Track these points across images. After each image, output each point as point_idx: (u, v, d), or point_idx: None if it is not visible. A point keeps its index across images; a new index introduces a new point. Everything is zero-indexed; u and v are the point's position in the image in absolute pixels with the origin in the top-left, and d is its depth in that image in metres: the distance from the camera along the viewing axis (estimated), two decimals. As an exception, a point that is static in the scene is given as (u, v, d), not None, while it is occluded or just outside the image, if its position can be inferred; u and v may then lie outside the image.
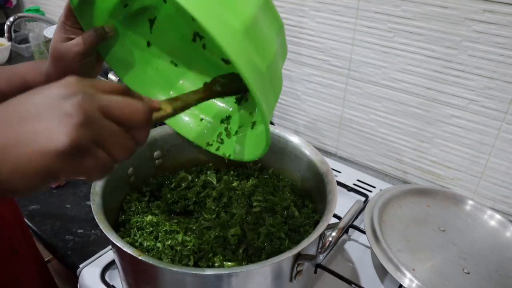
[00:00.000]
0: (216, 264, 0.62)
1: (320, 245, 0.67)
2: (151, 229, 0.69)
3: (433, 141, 0.98)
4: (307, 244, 0.57)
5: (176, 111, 0.49)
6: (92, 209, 0.61)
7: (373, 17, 0.94)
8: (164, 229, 0.68)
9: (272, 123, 1.26)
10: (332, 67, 1.06)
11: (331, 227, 0.64)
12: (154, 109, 0.44)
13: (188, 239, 0.65)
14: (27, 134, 0.34)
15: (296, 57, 1.12)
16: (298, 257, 0.58)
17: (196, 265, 0.63)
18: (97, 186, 0.67)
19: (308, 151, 0.79)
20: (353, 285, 0.79)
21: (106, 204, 0.66)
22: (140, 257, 0.52)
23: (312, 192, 0.79)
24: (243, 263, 0.64)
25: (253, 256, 0.66)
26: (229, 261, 0.64)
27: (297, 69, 1.13)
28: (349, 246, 0.92)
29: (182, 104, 0.50)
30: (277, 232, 0.68)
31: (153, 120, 0.43)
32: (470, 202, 0.93)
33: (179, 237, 0.65)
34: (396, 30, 0.93)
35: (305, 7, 1.04)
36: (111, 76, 0.96)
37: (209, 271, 0.52)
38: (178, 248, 0.63)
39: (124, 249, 0.53)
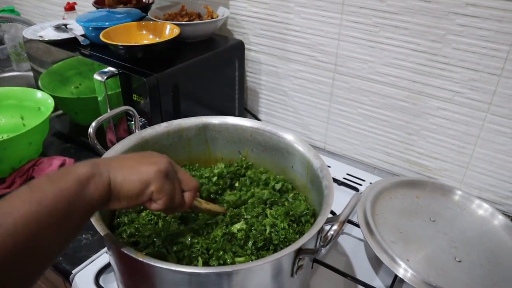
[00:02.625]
0: (228, 261, 0.62)
1: (321, 239, 0.68)
2: (149, 228, 0.68)
3: (420, 133, 1.00)
4: (308, 238, 0.57)
5: (203, 210, 0.70)
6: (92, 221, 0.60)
7: (359, 12, 0.95)
8: (167, 234, 0.67)
9: (259, 119, 1.26)
10: (318, 63, 1.07)
11: (328, 221, 0.64)
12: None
13: (196, 240, 0.65)
14: (138, 164, 0.55)
15: (283, 54, 1.12)
16: (300, 251, 0.58)
17: (206, 264, 0.63)
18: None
19: (301, 147, 0.79)
20: (349, 278, 0.80)
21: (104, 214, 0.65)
22: (143, 260, 0.52)
23: (307, 187, 0.80)
24: (253, 257, 0.65)
25: (261, 249, 0.66)
26: (239, 256, 0.64)
27: (283, 65, 1.13)
28: (342, 240, 0.92)
29: (209, 208, 0.70)
30: (280, 223, 0.68)
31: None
32: (458, 192, 0.95)
33: (186, 240, 0.65)
34: (381, 24, 0.94)
35: (290, 3, 1.04)
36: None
37: (211, 270, 0.52)
38: (186, 252, 0.63)
39: (128, 253, 0.53)
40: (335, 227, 0.55)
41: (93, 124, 0.74)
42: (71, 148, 1.15)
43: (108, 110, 0.93)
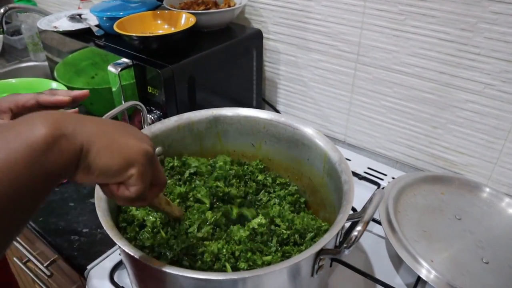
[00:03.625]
0: (259, 262, 0.60)
1: (341, 236, 0.65)
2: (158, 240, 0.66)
3: (447, 127, 0.95)
4: (330, 239, 0.55)
5: (161, 210, 0.62)
6: (99, 216, 0.58)
7: (383, -1, 0.91)
8: (181, 247, 0.64)
9: (277, 111, 1.23)
10: (340, 52, 1.03)
11: (349, 218, 0.61)
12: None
13: (220, 246, 0.62)
14: (123, 134, 0.45)
15: (303, 43, 1.08)
16: (321, 252, 0.55)
17: (235, 269, 0.60)
18: (100, 190, 0.64)
19: (318, 139, 0.76)
20: (368, 278, 0.77)
21: (112, 208, 0.63)
22: (162, 268, 0.49)
23: (323, 181, 0.77)
24: (278, 254, 0.63)
25: (284, 244, 0.65)
26: (266, 255, 0.63)
27: (303, 55, 1.09)
28: (362, 237, 0.89)
29: (167, 210, 0.62)
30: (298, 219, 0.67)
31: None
32: (486, 189, 0.91)
33: (212, 247, 0.62)
34: (407, 12, 0.89)
35: (310, -10, 1.00)
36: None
37: (233, 276, 0.50)
38: (208, 260, 0.61)
39: (144, 261, 0.51)
40: (359, 228, 0.52)
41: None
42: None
43: (123, 102, 0.92)
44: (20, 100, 0.69)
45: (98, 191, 0.64)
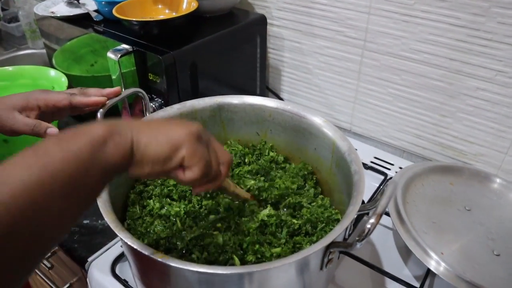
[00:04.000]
0: (267, 254, 0.59)
1: (351, 228, 0.63)
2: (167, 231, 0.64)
3: (456, 115, 0.92)
4: (340, 231, 0.53)
5: (231, 193, 0.63)
6: (100, 207, 0.56)
7: (392, -18, 0.87)
8: (191, 237, 0.62)
9: (281, 99, 1.20)
10: (346, 39, 0.99)
11: (360, 210, 0.59)
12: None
13: (227, 237, 0.60)
14: (166, 126, 0.48)
15: (308, 29, 1.05)
16: (331, 245, 0.53)
17: (243, 261, 0.58)
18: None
19: (326, 128, 0.74)
20: (375, 269, 0.75)
21: (112, 198, 0.61)
22: (165, 261, 0.47)
23: (331, 171, 0.74)
24: (289, 246, 0.62)
25: (294, 235, 0.63)
26: (274, 247, 0.61)
27: (308, 41, 1.06)
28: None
29: (237, 192, 0.64)
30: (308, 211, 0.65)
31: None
32: (496, 179, 0.88)
33: (216, 239, 0.60)
34: (417, -4, 0.86)
35: (316, -26, 0.97)
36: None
37: (239, 270, 0.48)
38: (215, 252, 0.59)
39: (147, 253, 0.49)
40: (372, 220, 0.49)
41: (101, 109, 0.69)
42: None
43: (123, 90, 0.89)
44: (51, 99, 0.70)
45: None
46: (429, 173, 0.91)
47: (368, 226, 0.49)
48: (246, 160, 0.79)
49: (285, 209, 0.69)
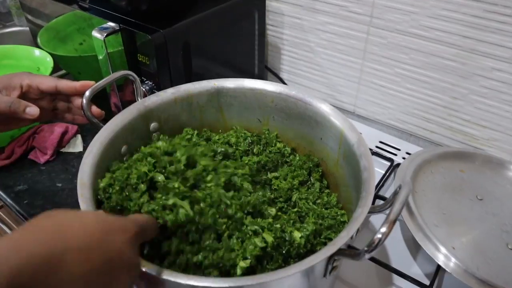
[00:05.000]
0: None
1: (358, 231, 0.57)
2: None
3: (468, 97, 0.86)
4: (347, 239, 0.47)
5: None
6: (81, 208, 0.50)
7: (403, -48, 0.80)
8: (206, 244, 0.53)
9: (281, 79, 1.13)
10: (351, 14, 0.92)
11: (370, 211, 0.54)
12: None
13: (221, 254, 0.51)
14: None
15: (309, 4, 0.97)
16: (336, 253, 0.48)
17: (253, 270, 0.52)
18: (85, 174, 0.56)
19: (334, 117, 0.67)
20: (382, 266, 0.71)
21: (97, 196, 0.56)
22: (155, 274, 0.42)
23: (338, 164, 0.69)
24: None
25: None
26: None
27: (309, 17, 0.99)
28: (375, 219, 0.83)
29: None
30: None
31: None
32: (511, 166, 0.83)
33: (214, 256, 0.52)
34: (430, -33, 0.78)
35: None
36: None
37: (236, 283, 0.43)
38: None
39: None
40: (384, 230, 0.44)
41: (87, 93, 0.63)
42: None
43: (110, 71, 0.82)
44: (35, 80, 0.66)
45: (82, 173, 0.57)
46: (438, 159, 0.85)
47: (379, 236, 0.44)
48: (255, 150, 0.73)
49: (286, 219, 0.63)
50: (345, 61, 0.99)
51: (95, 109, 0.67)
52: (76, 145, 0.95)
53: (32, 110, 0.65)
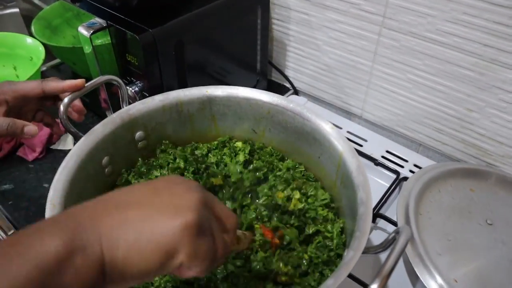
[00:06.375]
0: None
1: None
2: None
3: (484, 110, 0.79)
4: (333, 288, 0.43)
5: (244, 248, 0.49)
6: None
7: None
8: None
9: (285, 76, 1.07)
10: (362, 13, 0.85)
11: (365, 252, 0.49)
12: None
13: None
14: (149, 211, 0.34)
15: (317, -1, 0.90)
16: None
17: None
18: (56, 194, 0.52)
19: (334, 137, 0.62)
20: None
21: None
22: None
23: (335, 186, 0.63)
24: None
25: None
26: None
27: (318, 13, 0.92)
28: (375, 236, 0.78)
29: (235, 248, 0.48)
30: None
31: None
32: (527, 188, 0.76)
33: None
34: (451, -34, 0.70)
35: None
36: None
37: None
38: None
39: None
40: (375, 286, 0.39)
41: (65, 101, 0.59)
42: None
43: (97, 67, 0.77)
44: (20, 90, 0.60)
45: (54, 193, 0.53)
46: (447, 176, 0.79)
47: (371, 294, 0.39)
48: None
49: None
50: (354, 63, 0.92)
51: (77, 105, 0.63)
52: (67, 143, 0.91)
53: (31, 130, 0.61)
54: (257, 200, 0.64)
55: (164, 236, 0.33)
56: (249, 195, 0.65)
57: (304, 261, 0.56)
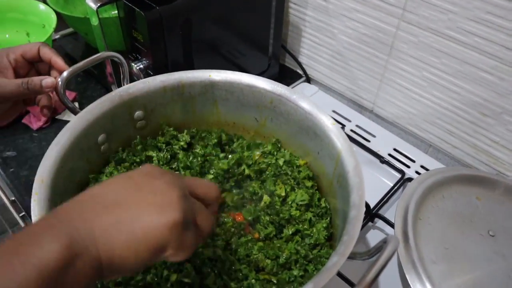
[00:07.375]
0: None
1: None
2: None
3: (501, 117, 0.75)
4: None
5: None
6: (32, 211, 0.46)
7: None
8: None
9: (299, 63, 1.04)
10: (382, 4, 0.81)
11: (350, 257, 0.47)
12: None
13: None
14: (137, 211, 0.36)
15: (337, -15, 0.86)
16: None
17: None
18: (45, 170, 0.51)
19: (334, 133, 0.60)
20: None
21: (60, 195, 0.52)
22: None
23: (332, 186, 0.62)
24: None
25: None
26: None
27: (336, 0, 0.88)
28: (371, 236, 0.76)
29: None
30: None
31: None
32: (535, 201, 0.73)
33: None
34: (480, -39, 0.66)
35: None
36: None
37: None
38: None
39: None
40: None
41: (64, 74, 0.58)
42: (78, 76, 1.00)
43: (103, 40, 0.76)
44: (17, 50, 0.61)
45: (42, 169, 0.52)
46: (453, 182, 0.76)
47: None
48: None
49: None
50: (369, 55, 0.89)
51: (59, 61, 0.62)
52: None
53: (49, 81, 0.59)
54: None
55: (154, 236, 0.36)
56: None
57: (283, 254, 0.55)
